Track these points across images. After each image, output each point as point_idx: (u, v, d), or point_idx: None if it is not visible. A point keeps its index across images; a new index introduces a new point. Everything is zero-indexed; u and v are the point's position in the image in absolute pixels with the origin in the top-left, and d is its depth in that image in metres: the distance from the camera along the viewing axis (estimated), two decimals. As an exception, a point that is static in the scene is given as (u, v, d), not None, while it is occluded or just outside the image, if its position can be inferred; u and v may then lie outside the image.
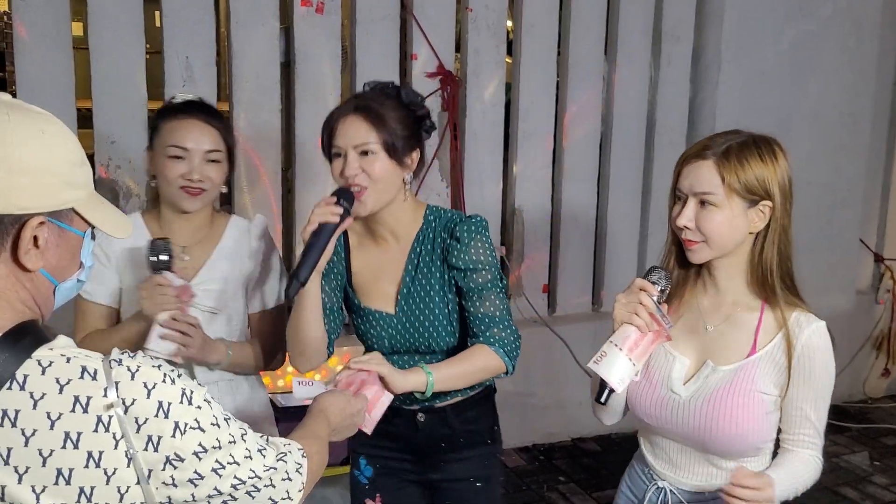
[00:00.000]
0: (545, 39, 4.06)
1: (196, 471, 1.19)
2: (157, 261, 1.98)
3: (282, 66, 3.60)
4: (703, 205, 1.69)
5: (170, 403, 1.17)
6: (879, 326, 5.17)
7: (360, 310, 2.07)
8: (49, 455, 1.12)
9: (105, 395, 1.14)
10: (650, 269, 1.77)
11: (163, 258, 1.98)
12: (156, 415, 1.16)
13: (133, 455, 1.15)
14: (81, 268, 1.26)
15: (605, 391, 1.71)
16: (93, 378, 1.15)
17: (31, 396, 1.12)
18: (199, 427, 1.20)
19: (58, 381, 1.14)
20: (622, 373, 1.70)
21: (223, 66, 4.01)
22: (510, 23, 4.14)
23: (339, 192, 1.90)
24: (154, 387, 1.17)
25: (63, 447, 1.12)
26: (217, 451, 1.22)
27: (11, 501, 1.12)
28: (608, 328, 1.81)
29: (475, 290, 1.99)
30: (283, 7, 3.61)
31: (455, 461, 2.14)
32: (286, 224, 3.76)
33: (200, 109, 2.09)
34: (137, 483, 1.16)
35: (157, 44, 3.40)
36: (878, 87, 4.83)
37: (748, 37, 4.35)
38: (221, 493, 1.23)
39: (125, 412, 1.15)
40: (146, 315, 1.97)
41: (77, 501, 1.13)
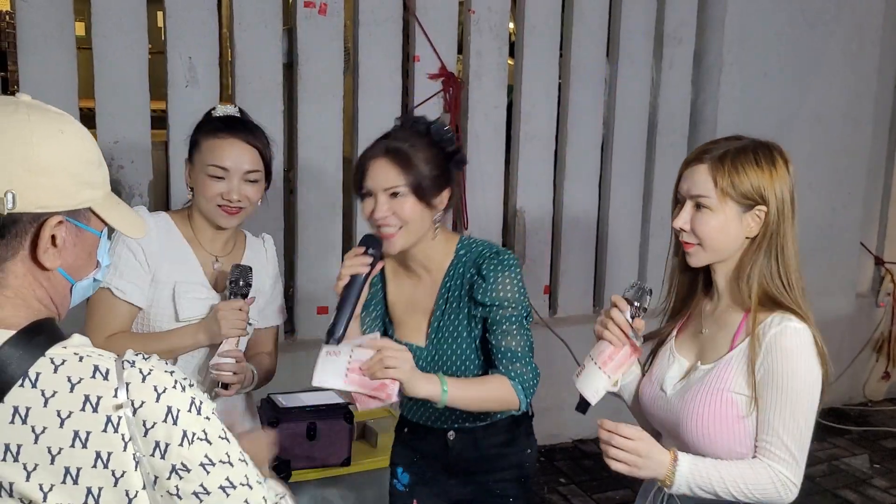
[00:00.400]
0: (547, 41, 4.07)
1: (202, 484, 1.17)
2: (240, 286, 2.06)
3: (284, 68, 3.61)
4: (699, 208, 1.71)
5: (179, 410, 1.16)
6: (880, 329, 5.18)
7: (396, 341, 2.06)
8: (58, 453, 1.12)
9: (115, 396, 1.14)
10: (629, 286, 1.80)
11: (243, 284, 2.06)
12: (164, 420, 1.15)
13: (140, 459, 1.15)
14: (98, 267, 1.27)
15: (584, 404, 1.80)
16: (104, 378, 1.15)
17: (43, 394, 1.13)
18: (207, 439, 1.17)
19: (69, 380, 1.14)
20: (596, 385, 1.78)
21: (226, 67, 4.01)
22: (512, 25, 4.15)
23: (367, 241, 1.94)
24: (164, 391, 1.16)
25: (72, 446, 1.13)
26: (227, 468, 1.19)
27: (20, 498, 1.13)
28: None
29: (499, 325, 2.02)
30: (286, 8, 3.62)
31: (489, 481, 2.17)
32: (288, 225, 3.76)
33: (242, 128, 2.09)
34: (144, 488, 1.15)
35: (160, 44, 3.41)
36: (880, 90, 4.84)
37: (750, 39, 4.36)
38: None
39: (133, 414, 1.14)
40: (215, 335, 2.03)
41: (84, 502, 1.13)
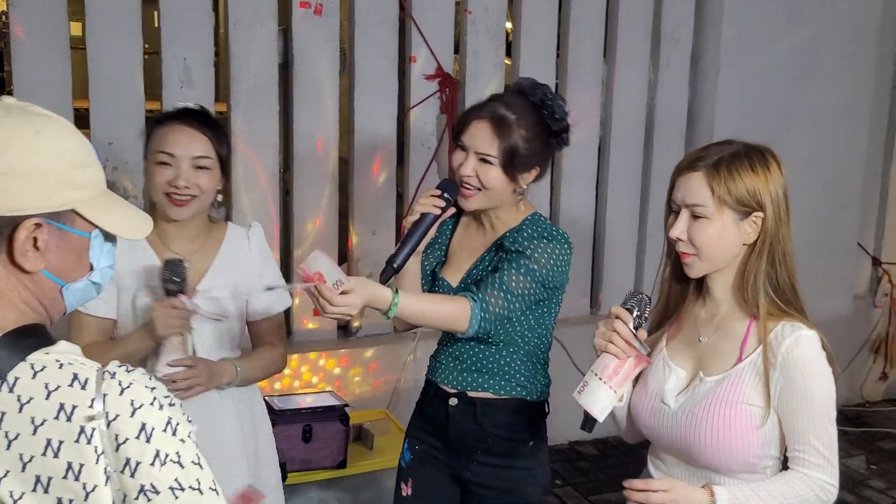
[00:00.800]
0: (544, 42, 4.06)
1: None
2: (174, 283, 1.97)
3: (280, 68, 3.60)
4: (695, 217, 1.68)
5: (153, 428, 1.12)
6: (877, 330, 5.17)
7: (436, 279, 2.16)
8: (29, 461, 1.10)
9: (91, 406, 1.11)
10: (627, 295, 1.75)
11: (178, 281, 1.98)
12: (137, 437, 1.11)
13: (111, 474, 1.11)
14: (92, 270, 1.24)
15: (589, 422, 1.73)
16: (82, 387, 1.12)
17: (19, 399, 1.11)
18: (179, 462, 1.13)
19: (46, 387, 1.11)
20: (603, 402, 1.71)
21: (221, 68, 4.00)
22: (509, 24, 4.14)
23: (445, 185, 2.01)
24: (140, 407, 1.12)
25: (44, 454, 1.10)
26: (196, 495, 1.14)
27: None
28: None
29: (507, 263, 2.00)
30: (282, 8, 3.60)
31: (486, 465, 2.14)
32: (284, 226, 3.75)
33: (193, 116, 2.07)
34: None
35: (156, 44, 3.40)
36: (877, 91, 4.83)
37: (747, 40, 4.35)
38: None
39: (107, 426, 1.11)
40: (156, 336, 1.96)
41: None
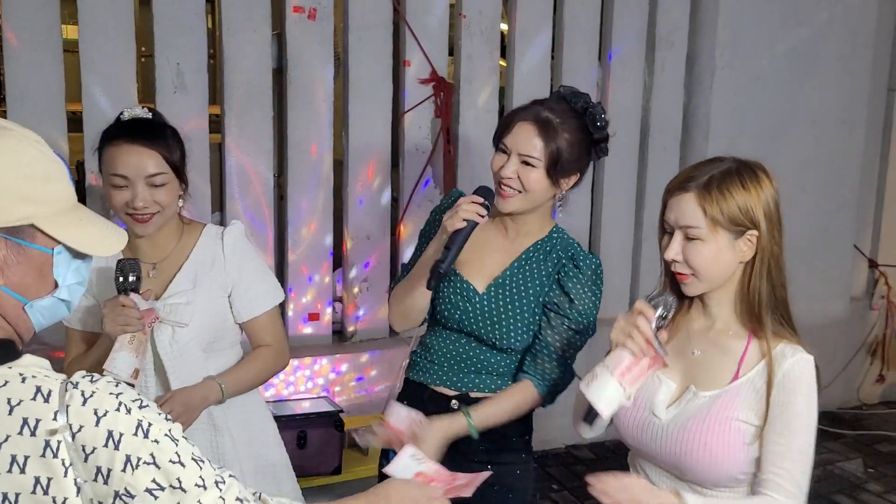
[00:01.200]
0: (539, 45, 4.06)
1: None
2: (124, 281, 1.94)
3: (274, 73, 3.59)
4: (689, 239, 1.67)
5: (121, 434, 1.11)
6: (874, 332, 5.17)
7: (453, 275, 2.09)
8: None
9: (55, 419, 1.09)
10: (654, 293, 1.72)
11: (129, 279, 1.94)
12: (105, 445, 1.10)
13: (81, 485, 1.10)
14: (56, 287, 1.21)
15: (593, 415, 1.70)
16: (45, 400, 1.10)
17: None
18: (154, 463, 1.12)
19: (9, 402, 1.10)
20: (611, 398, 1.67)
21: (215, 72, 3.99)
22: (504, 26, 4.13)
23: (484, 192, 2.00)
24: (105, 415, 1.11)
25: (9, 471, 1.08)
26: (178, 493, 1.13)
27: None
28: (603, 335, 1.78)
29: (557, 322, 2.07)
30: (276, 13, 3.60)
31: (485, 464, 2.10)
32: (279, 230, 3.74)
33: (139, 132, 2.00)
34: None
35: (150, 47, 3.38)
36: (873, 94, 4.83)
37: (743, 43, 4.35)
38: None
39: (73, 438, 1.09)
40: (108, 336, 1.93)
41: None
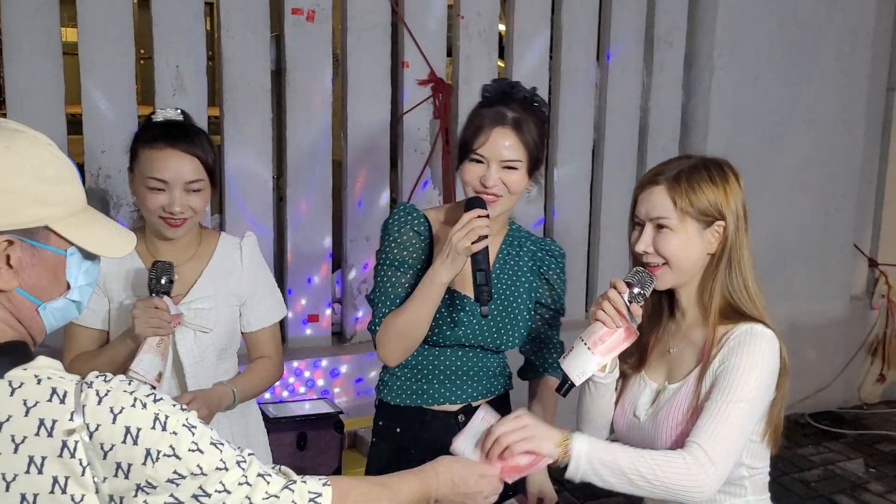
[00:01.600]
0: (537, 46, 4.06)
1: (173, 495, 1.15)
2: (160, 284, 1.96)
3: (273, 75, 3.59)
4: (660, 229, 1.71)
5: (139, 429, 1.12)
6: (874, 332, 5.17)
7: (448, 294, 2.00)
8: (13, 480, 1.09)
9: (71, 419, 1.10)
10: (631, 271, 1.75)
11: (164, 281, 1.96)
12: (123, 441, 1.11)
13: (99, 484, 1.11)
14: (69, 288, 1.23)
15: (566, 385, 1.73)
16: (61, 401, 1.11)
17: None
18: (175, 454, 1.14)
19: (25, 404, 1.11)
20: (583, 367, 1.71)
21: (214, 75, 3.99)
22: (503, 27, 4.14)
23: (477, 202, 1.92)
24: (121, 412, 1.12)
25: (27, 472, 1.09)
26: (199, 478, 1.16)
27: None
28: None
29: (555, 313, 2.18)
30: (274, 15, 3.60)
31: None
32: (278, 233, 3.74)
33: (180, 136, 2.00)
34: None
35: (149, 49, 3.39)
36: (872, 93, 4.84)
37: (741, 43, 4.35)
38: None
39: (90, 438, 1.10)
40: (135, 336, 1.93)
41: None
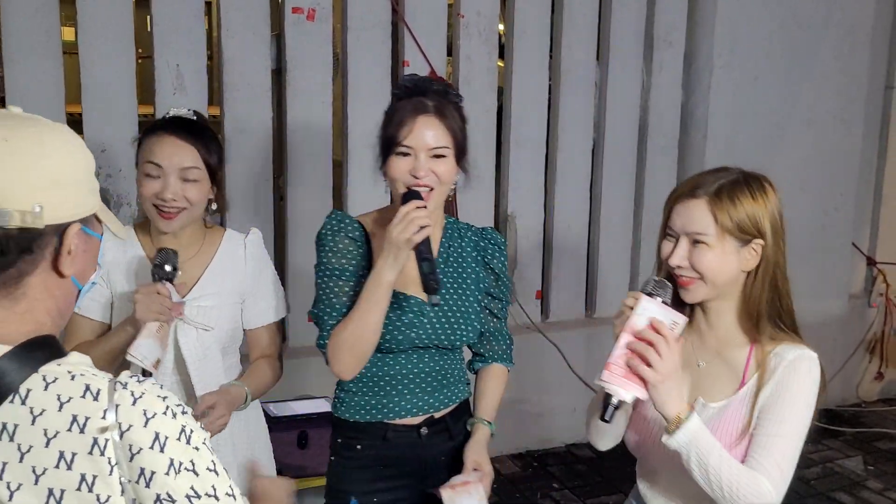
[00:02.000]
0: (537, 45, 4.06)
1: None
2: (163, 270, 1.96)
3: (273, 74, 3.59)
4: (696, 244, 1.68)
5: (167, 437, 1.13)
6: (872, 330, 5.18)
7: (395, 296, 1.95)
8: (42, 473, 1.10)
9: (104, 418, 1.11)
10: (646, 282, 1.68)
11: (168, 268, 1.96)
12: (151, 447, 1.12)
13: (125, 485, 1.11)
14: (98, 269, 1.28)
15: (611, 407, 1.61)
16: (94, 398, 1.12)
17: (31, 412, 1.11)
18: (194, 470, 1.14)
19: (59, 399, 1.12)
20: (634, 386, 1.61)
21: (214, 74, 3.99)
22: (502, 27, 4.14)
23: (414, 195, 1.88)
24: (153, 416, 1.13)
25: (56, 467, 1.10)
26: (213, 500, 1.15)
27: None
28: (602, 334, 1.79)
29: (502, 303, 2.16)
30: (274, 14, 3.60)
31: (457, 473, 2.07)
32: (278, 232, 3.74)
33: (183, 126, 2.02)
34: None
35: (149, 48, 3.39)
36: (871, 93, 4.84)
37: (740, 42, 4.36)
38: None
39: (121, 437, 1.11)
40: (135, 322, 1.93)
41: None
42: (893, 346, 5.13)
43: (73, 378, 1.13)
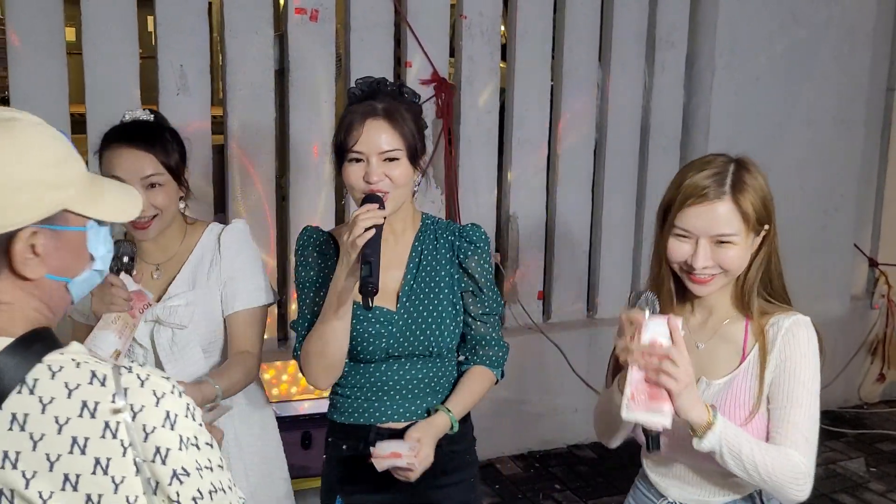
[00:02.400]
0: (539, 46, 4.07)
1: (199, 489, 1.18)
2: (115, 261, 1.93)
3: (276, 74, 3.60)
4: (720, 244, 1.68)
5: (177, 415, 1.17)
6: (874, 331, 5.18)
7: (358, 307, 1.94)
8: (56, 460, 1.12)
9: (113, 401, 1.14)
10: (633, 298, 1.68)
11: (125, 260, 1.96)
12: (163, 425, 1.15)
13: (140, 464, 1.14)
14: (92, 260, 1.25)
15: (653, 438, 1.63)
16: (102, 384, 1.15)
17: (40, 401, 1.13)
18: (197, 444, 1.19)
19: (66, 386, 1.14)
20: (662, 408, 1.59)
21: (217, 74, 4.01)
22: (504, 28, 4.15)
23: (374, 198, 1.87)
24: (163, 396, 1.17)
25: (70, 452, 1.12)
26: (213, 473, 1.20)
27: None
28: (603, 335, 1.80)
29: (484, 304, 2.05)
30: (278, 14, 3.61)
31: (442, 487, 2.06)
32: (280, 231, 3.75)
33: (136, 135, 2.01)
34: (145, 493, 1.15)
35: (150, 48, 3.39)
36: (871, 93, 4.85)
37: (742, 43, 4.36)
38: None
39: (133, 419, 1.14)
40: (94, 314, 1.94)
41: None
42: (895, 348, 5.13)
43: (79, 366, 1.16)
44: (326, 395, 3.45)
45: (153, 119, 2.08)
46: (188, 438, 1.17)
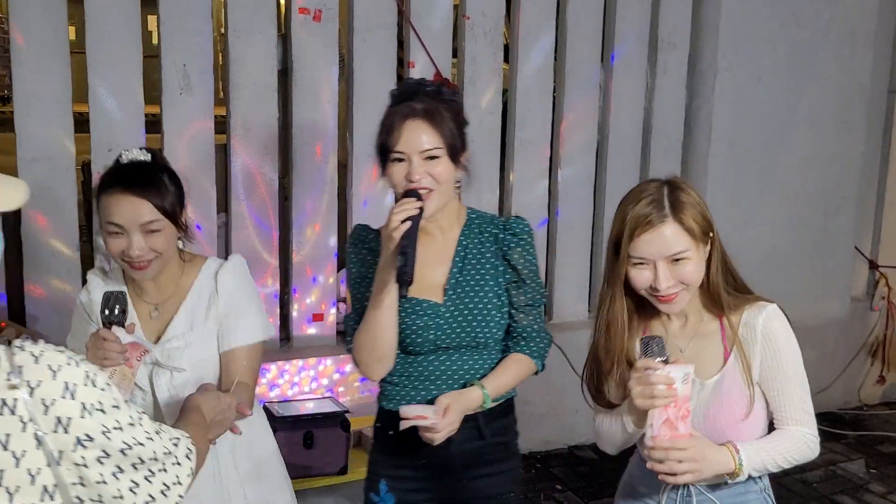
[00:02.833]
0: (542, 47, 4.07)
1: (104, 450, 1.24)
2: (109, 314, 1.92)
3: (279, 74, 3.60)
4: (676, 262, 1.77)
5: (75, 384, 1.22)
6: (874, 333, 5.18)
7: (406, 301, 2.00)
8: None
9: (8, 379, 1.18)
10: (643, 345, 1.77)
11: (113, 312, 1.93)
12: (62, 396, 1.20)
13: (42, 437, 1.19)
14: None
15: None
16: None
17: None
18: (102, 409, 1.24)
19: None
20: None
21: (220, 73, 4.01)
22: (506, 29, 4.15)
23: (411, 193, 1.92)
24: (59, 369, 1.22)
25: None
26: (121, 433, 1.27)
27: None
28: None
29: (526, 295, 2.10)
30: (281, 15, 3.61)
31: (483, 477, 2.11)
32: (283, 232, 3.75)
33: (133, 180, 1.97)
34: (48, 465, 1.20)
35: (151, 47, 3.40)
36: (873, 95, 4.85)
37: (744, 44, 4.37)
38: (124, 471, 1.28)
39: (31, 395, 1.19)
40: None
41: None
42: (895, 350, 5.14)
43: None
44: (328, 395, 3.46)
45: (150, 160, 2.04)
46: (91, 405, 1.23)
